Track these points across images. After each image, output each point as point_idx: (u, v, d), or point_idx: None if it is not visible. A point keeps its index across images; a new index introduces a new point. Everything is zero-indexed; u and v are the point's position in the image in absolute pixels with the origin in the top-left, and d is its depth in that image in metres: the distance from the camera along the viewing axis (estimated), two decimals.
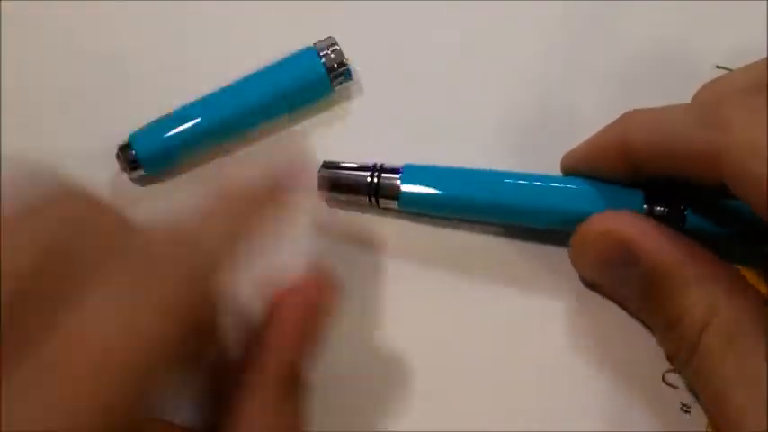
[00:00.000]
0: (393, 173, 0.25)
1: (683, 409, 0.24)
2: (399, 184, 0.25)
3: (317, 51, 0.27)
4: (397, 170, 0.25)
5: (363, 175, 0.25)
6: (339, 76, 0.27)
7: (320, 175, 0.26)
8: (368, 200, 0.26)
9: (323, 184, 0.26)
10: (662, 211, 0.24)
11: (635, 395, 0.24)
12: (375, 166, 0.25)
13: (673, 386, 0.24)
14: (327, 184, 0.26)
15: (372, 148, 0.27)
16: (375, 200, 0.25)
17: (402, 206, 0.25)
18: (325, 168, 0.26)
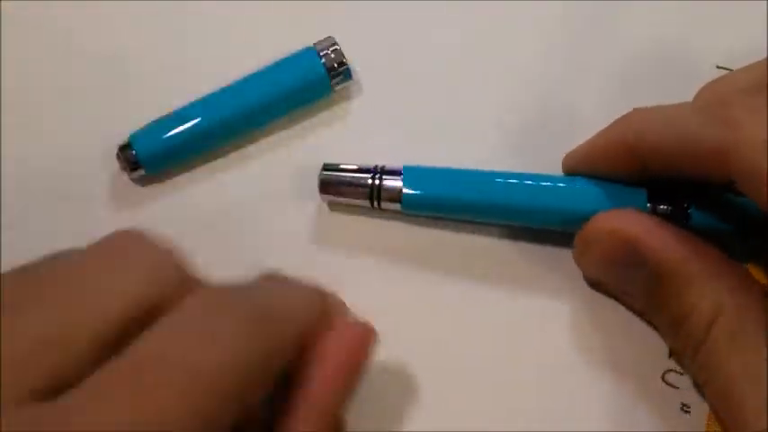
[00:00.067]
0: (395, 175, 0.25)
1: (683, 409, 0.24)
2: (401, 186, 0.25)
3: (316, 51, 0.27)
4: (399, 172, 0.25)
5: (365, 178, 0.25)
6: (339, 76, 0.27)
7: (321, 177, 0.26)
8: (369, 203, 0.25)
9: (324, 187, 0.26)
10: (665, 209, 0.24)
11: (635, 395, 0.24)
12: (376, 168, 0.25)
13: (673, 386, 0.24)
14: (328, 186, 0.26)
15: (372, 149, 0.27)
16: (377, 203, 0.25)
17: (405, 208, 0.25)
18: (326, 171, 0.26)
